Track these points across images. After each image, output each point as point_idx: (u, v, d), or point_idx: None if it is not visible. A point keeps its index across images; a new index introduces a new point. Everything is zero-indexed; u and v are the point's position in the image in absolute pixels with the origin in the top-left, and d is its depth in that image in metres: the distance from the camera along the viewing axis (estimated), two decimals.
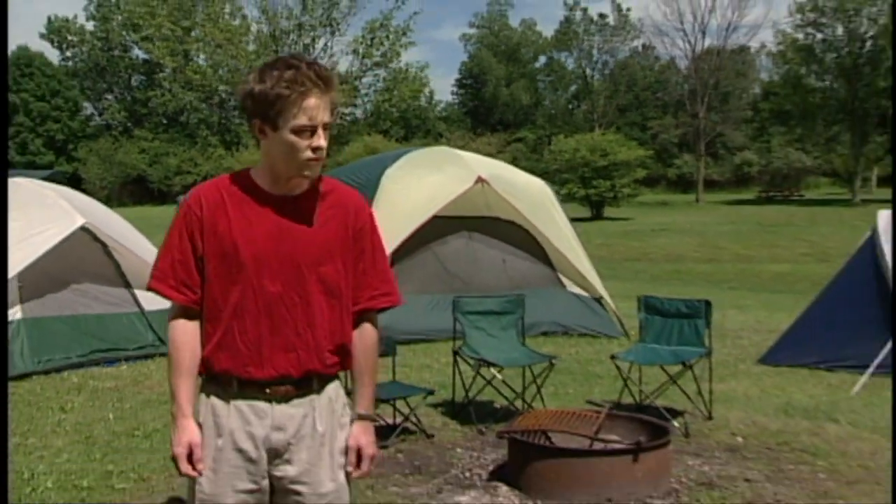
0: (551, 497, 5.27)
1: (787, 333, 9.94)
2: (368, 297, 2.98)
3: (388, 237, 10.66)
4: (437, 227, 11.07)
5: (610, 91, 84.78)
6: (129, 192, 69.94)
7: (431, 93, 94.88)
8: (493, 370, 7.32)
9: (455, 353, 7.36)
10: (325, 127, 2.77)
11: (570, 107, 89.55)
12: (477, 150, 59.97)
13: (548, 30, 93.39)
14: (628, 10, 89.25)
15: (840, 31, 64.60)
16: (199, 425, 2.84)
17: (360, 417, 2.97)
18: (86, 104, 78.35)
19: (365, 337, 2.99)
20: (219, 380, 2.85)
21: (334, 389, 2.97)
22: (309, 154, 2.72)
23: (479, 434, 6.71)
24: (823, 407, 7.71)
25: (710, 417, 7.25)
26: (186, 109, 20.60)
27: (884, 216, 9.60)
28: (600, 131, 66.83)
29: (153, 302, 9.66)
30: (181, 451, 2.77)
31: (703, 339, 7.37)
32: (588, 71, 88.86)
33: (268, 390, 2.83)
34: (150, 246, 10.39)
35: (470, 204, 11.18)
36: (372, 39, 20.95)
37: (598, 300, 11.86)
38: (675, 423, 6.97)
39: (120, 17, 62.60)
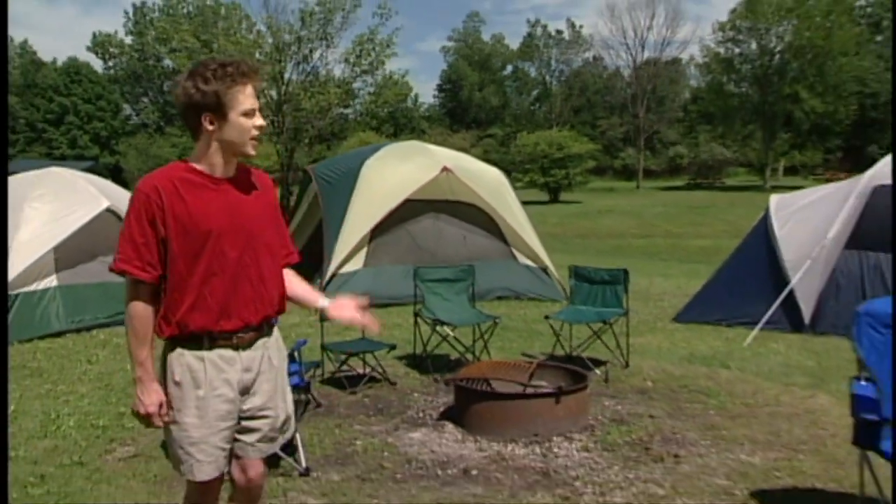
0: (488, 433, 5.28)
1: (697, 296, 9.96)
2: (285, 255, 3.13)
3: (368, 217, 10.77)
4: (409, 209, 11.09)
5: (565, 95, 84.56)
6: None
7: (416, 96, 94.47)
8: (447, 328, 7.34)
9: (416, 314, 7.35)
10: (260, 109, 2.97)
11: (532, 108, 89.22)
12: (453, 145, 59.74)
13: (514, 43, 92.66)
14: (581, 26, 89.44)
15: (754, 46, 64.68)
16: (176, 384, 2.87)
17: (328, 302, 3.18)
18: (125, 106, 77.98)
19: (290, 281, 3.14)
20: (193, 337, 2.87)
21: (276, 331, 3.11)
22: (255, 132, 2.89)
23: (434, 382, 6.72)
24: (719, 356, 7.77)
25: (626, 366, 7.28)
26: None
27: (775, 199, 9.67)
28: (557, 129, 66.63)
29: None
30: (154, 410, 2.83)
31: (621, 302, 7.39)
32: (547, 78, 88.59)
33: (235, 339, 2.90)
34: None
35: (437, 189, 11.16)
36: (361, 51, 20.89)
37: (545, 270, 11.85)
38: (597, 371, 7.04)
39: (153, 33, 61.93)
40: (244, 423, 2.99)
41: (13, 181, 9.97)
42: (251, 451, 3.04)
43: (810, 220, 8.92)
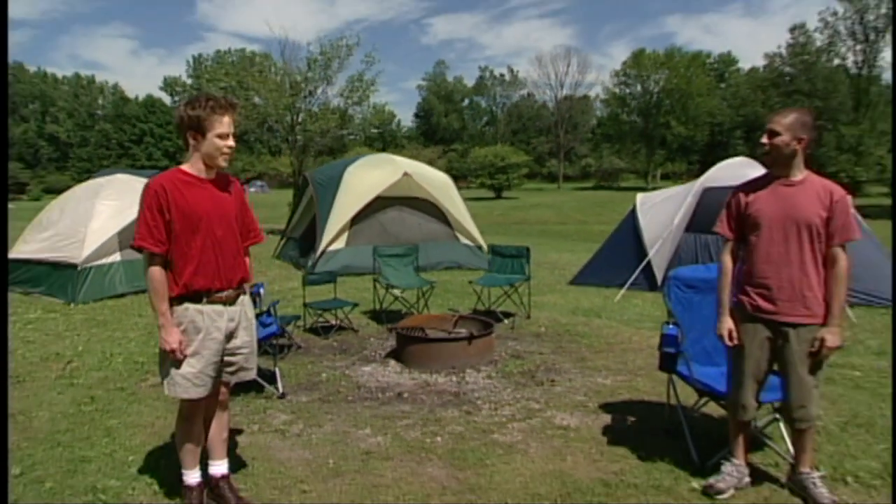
0: (419, 367, 5.26)
1: (585, 266, 9.94)
2: (254, 236, 3.19)
3: (348, 209, 10.59)
4: (380, 204, 10.92)
5: (507, 121, 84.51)
6: None
7: (399, 121, 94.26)
8: (396, 291, 7.26)
9: (375, 280, 7.26)
10: (234, 135, 2.95)
11: (483, 130, 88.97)
12: (424, 157, 59.53)
13: (470, 82, 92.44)
14: (518, 71, 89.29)
15: (639, 88, 65.14)
16: (182, 330, 2.91)
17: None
18: None
19: (249, 258, 3.20)
20: (195, 295, 2.93)
21: (247, 291, 3.16)
22: (226, 150, 2.90)
23: (387, 331, 6.62)
24: (595, 309, 7.73)
25: (528, 317, 7.24)
26: (247, 132, 20.21)
27: (640, 197, 9.67)
28: (500, 145, 66.60)
29: None
30: (176, 346, 2.88)
31: (524, 270, 7.32)
32: (494, 108, 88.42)
33: (223, 296, 2.98)
34: None
35: (400, 189, 10.98)
36: (352, 88, 20.63)
37: (479, 247, 11.78)
38: (505, 321, 6.98)
39: (206, 76, 61.06)
40: (227, 357, 3.05)
41: (91, 184, 9.77)
42: (231, 377, 3.12)
43: (662, 212, 8.93)
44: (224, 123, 2.89)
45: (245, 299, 3.10)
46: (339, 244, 10.58)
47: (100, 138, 71.20)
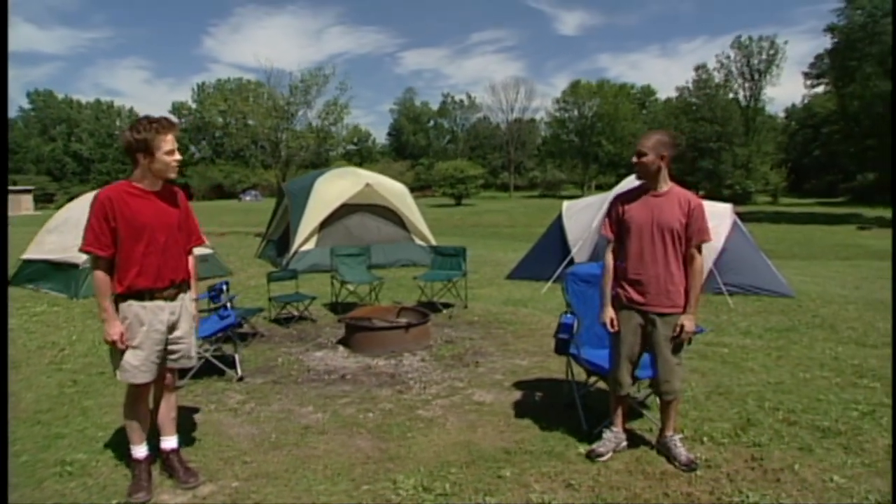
0: (364, 352, 5.15)
1: (520, 262, 9.92)
2: (195, 239, 3.03)
3: (318, 215, 10.38)
4: (345, 210, 10.69)
5: (466, 139, 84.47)
6: (214, 193, 67.61)
7: (374, 139, 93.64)
8: (350, 286, 7.11)
9: (332, 277, 7.10)
10: (179, 150, 2.85)
11: (446, 147, 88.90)
12: (395, 169, 59.04)
13: (435, 106, 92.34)
14: (475, 97, 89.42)
15: (576, 112, 65.85)
16: (127, 323, 2.78)
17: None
18: (192, 146, 75.14)
19: (193, 258, 3.05)
20: (139, 294, 2.78)
21: (190, 288, 3.02)
22: (174, 164, 2.79)
23: (340, 321, 6.47)
24: (524, 300, 7.64)
25: (465, 307, 7.12)
26: (243, 149, 19.68)
27: (566, 204, 9.66)
28: (461, 160, 66.61)
29: None
30: (117, 337, 2.75)
31: (461, 267, 7.21)
32: (455, 128, 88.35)
33: (166, 293, 2.85)
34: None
35: (362, 197, 10.77)
36: (327, 112, 20.42)
37: (433, 248, 11.66)
38: (444, 311, 6.85)
39: (208, 101, 59.83)
40: (170, 346, 2.92)
41: (83, 199, 9.29)
42: (175, 364, 2.99)
43: (583, 217, 8.90)
44: (168, 141, 2.78)
45: (186, 295, 2.97)
46: (310, 245, 10.37)
47: (117, 155, 69.05)
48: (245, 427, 3.63)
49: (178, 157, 2.84)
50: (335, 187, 10.79)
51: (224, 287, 4.66)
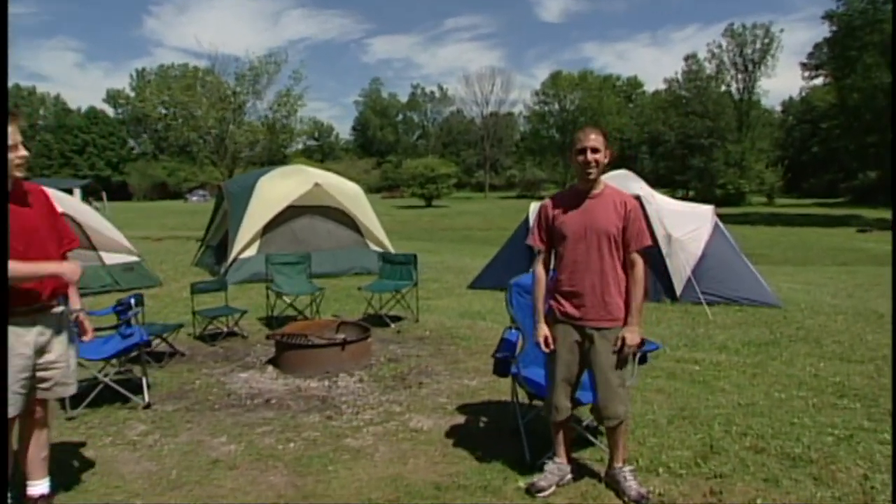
0: (295, 372, 5.02)
1: (484, 270, 9.87)
2: (68, 243, 2.89)
3: (260, 218, 10.19)
4: (292, 212, 10.56)
5: (438, 135, 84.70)
6: (156, 192, 66.68)
7: (337, 134, 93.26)
8: (287, 298, 6.95)
9: (267, 288, 6.94)
10: (24, 145, 2.62)
11: (416, 143, 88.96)
12: (359, 167, 58.73)
13: (404, 98, 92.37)
14: (446, 88, 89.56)
15: (556, 106, 66.57)
16: None
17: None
18: (130, 140, 73.66)
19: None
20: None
21: (69, 301, 2.88)
22: (17, 161, 2.59)
23: (269, 338, 6.29)
24: (483, 312, 7.56)
25: (417, 321, 7.04)
26: (190, 143, 19.37)
27: (533, 206, 9.64)
28: (431, 157, 66.73)
29: (110, 258, 8.84)
30: None
31: (412, 276, 7.12)
32: (426, 123, 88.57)
33: (30, 309, 2.65)
34: (108, 225, 9.42)
35: (311, 198, 10.65)
36: (279, 103, 20.20)
37: (381, 255, 11.54)
38: (392, 326, 6.75)
39: (150, 89, 58.90)
40: (39, 373, 2.70)
41: None
42: (47, 394, 2.78)
43: None
44: (11, 133, 2.55)
45: (62, 310, 2.77)
46: (251, 252, 10.17)
47: (41, 148, 67.13)
48: (143, 463, 3.46)
49: (22, 152, 2.59)
50: (280, 187, 10.64)
51: (132, 301, 4.47)
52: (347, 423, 4.04)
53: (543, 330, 3.04)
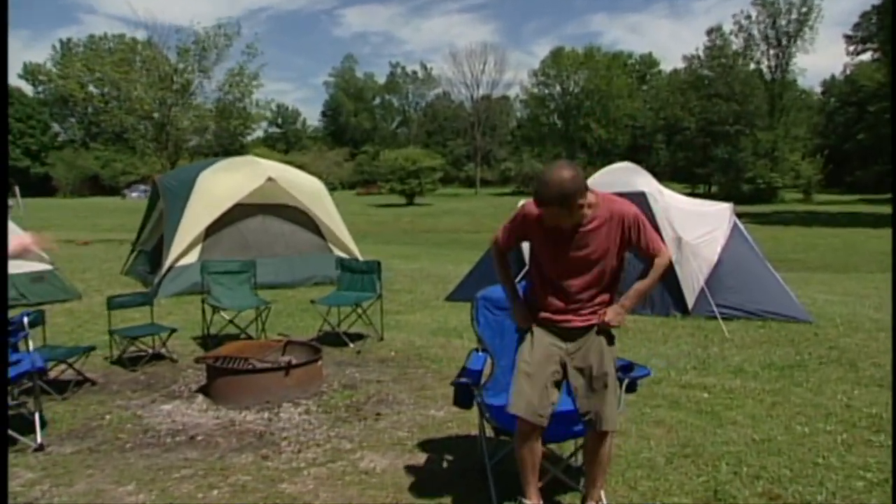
0: (229, 403, 4.91)
1: (465, 279, 9.83)
2: None
3: (201, 218, 10.10)
4: (240, 211, 10.46)
5: (421, 121, 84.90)
6: (87, 187, 66.15)
7: (304, 119, 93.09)
8: (226, 314, 6.84)
9: (203, 301, 6.83)
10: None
11: (396, 132, 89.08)
12: (329, 159, 58.64)
13: (381, 78, 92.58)
14: (431, 68, 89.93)
15: (558, 88, 66.90)
16: None
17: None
18: (54, 124, 72.82)
19: None
20: None
21: None
22: None
23: (198, 362, 6.17)
24: (460, 329, 7.45)
25: (381, 339, 6.99)
26: (127, 129, 19.09)
27: (521, 203, 9.62)
28: (413, 147, 66.84)
29: (15, 266, 8.64)
30: None
31: (375, 287, 7.04)
32: (407, 108, 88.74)
33: None
34: (13, 227, 9.24)
35: (263, 195, 10.58)
36: (231, 84, 20.06)
37: (355, 260, 11.48)
38: (352, 345, 6.69)
39: (79, 63, 58.28)
40: None
41: None
42: None
43: None
44: None
45: None
46: (191, 258, 10.03)
47: None
48: None
49: None
50: (226, 182, 10.56)
51: (24, 320, 4.33)
52: (286, 463, 3.94)
53: (523, 311, 3.17)
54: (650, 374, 3.34)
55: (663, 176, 67.28)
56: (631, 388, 3.27)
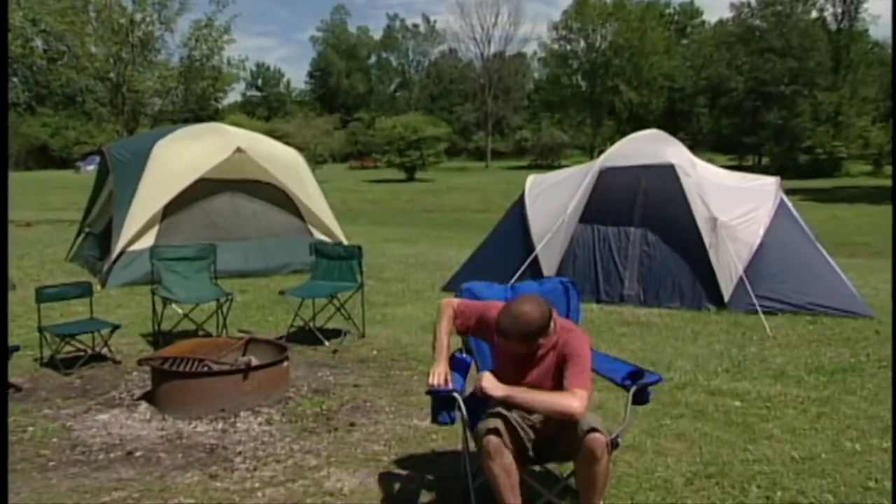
0: (177, 412, 4.86)
1: (464, 265, 9.79)
2: None
3: (158, 196, 10.06)
4: (204, 188, 10.44)
5: (424, 83, 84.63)
6: (33, 159, 66.13)
7: (288, 81, 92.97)
8: (176, 306, 6.80)
9: (152, 292, 6.78)
10: None
11: (395, 95, 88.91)
12: (317, 127, 58.48)
13: (377, 34, 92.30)
14: (435, 21, 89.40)
15: (582, 44, 66.55)
16: None
17: None
18: None
19: None
20: None
21: None
22: None
23: (141, 364, 6.11)
24: None
25: (362, 336, 6.98)
26: (81, 90, 18.93)
27: (529, 180, 9.64)
28: (415, 114, 66.74)
29: None
30: None
31: (355, 276, 7.02)
32: (407, 68, 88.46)
33: None
34: None
35: (231, 169, 10.54)
36: (196, 39, 19.97)
37: (338, 244, 11.46)
38: (328, 343, 6.69)
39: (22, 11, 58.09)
40: None
41: None
42: None
43: (554, 199, 8.88)
44: None
45: None
46: (146, 242, 9.97)
47: None
48: None
49: None
50: (187, 153, 10.53)
51: None
52: (238, 483, 3.89)
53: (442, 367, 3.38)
54: (661, 379, 3.26)
55: (704, 146, 66.85)
56: (641, 398, 3.19)
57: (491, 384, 3.13)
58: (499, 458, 2.96)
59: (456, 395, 3.25)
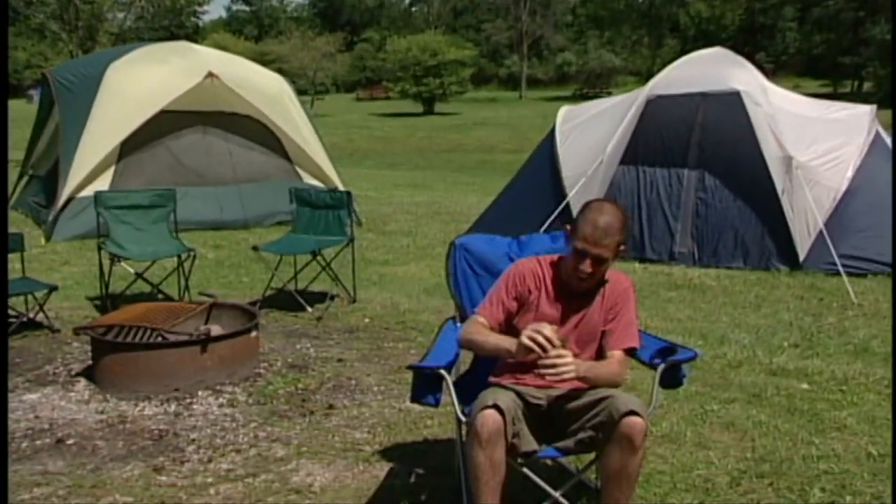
0: (122, 391, 4.92)
1: (482, 216, 9.95)
2: None
3: (114, 130, 10.11)
4: (170, 121, 10.56)
5: None
6: None
7: None
8: (125, 264, 6.83)
9: (99, 248, 6.83)
10: None
11: (410, 12, 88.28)
12: (315, 50, 58.36)
13: None
14: None
15: None
16: None
17: None
18: None
19: None
20: None
21: None
22: None
23: (78, 333, 6.12)
24: None
25: (353, 301, 7.06)
26: (26, 4, 18.98)
27: (562, 112, 9.64)
28: (434, 33, 66.25)
29: None
30: None
31: (344, 228, 7.06)
32: None
33: None
34: None
35: (203, 98, 10.62)
36: None
37: (334, 191, 11.47)
38: (311, 310, 6.76)
39: None
40: None
41: None
42: None
43: (591, 135, 8.95)
44: None
45: None
46: (99, 186, 10.04)
47: None
48: None
49: None
50: (148, 78, 10.58)
51: None
52: (187, 477, 3.91)
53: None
54: (696, 356, 3.19)
55: (791, 69, 65.84)
56: (671, 379, 3.11)
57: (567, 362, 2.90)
58: (490, 447, 2.85)
59: (443, 371, 3.17)
